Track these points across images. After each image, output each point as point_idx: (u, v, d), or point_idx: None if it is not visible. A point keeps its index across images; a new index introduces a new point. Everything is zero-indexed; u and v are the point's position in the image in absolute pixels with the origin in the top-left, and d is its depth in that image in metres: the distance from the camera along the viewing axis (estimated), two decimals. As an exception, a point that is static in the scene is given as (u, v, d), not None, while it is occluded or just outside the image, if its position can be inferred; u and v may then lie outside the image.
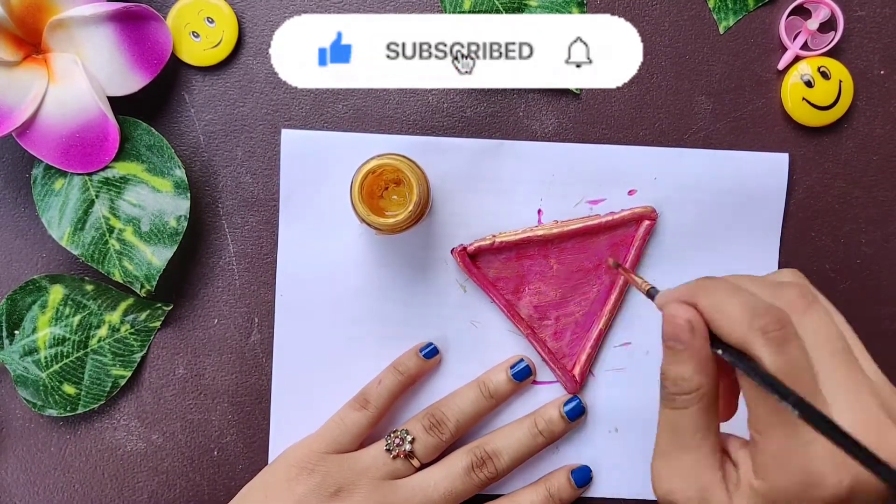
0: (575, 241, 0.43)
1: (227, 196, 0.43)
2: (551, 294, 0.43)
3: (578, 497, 0.43)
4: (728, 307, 0.29)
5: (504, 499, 0.42)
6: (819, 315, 0.30)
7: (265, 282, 0.43)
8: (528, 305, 0.43)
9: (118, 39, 0.40)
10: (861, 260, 0.44)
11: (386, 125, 0.43)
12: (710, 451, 0.30)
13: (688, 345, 0.30)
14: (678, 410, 0.30)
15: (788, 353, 0.28)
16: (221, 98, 0.43)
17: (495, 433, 0.42)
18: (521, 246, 0.43)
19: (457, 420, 0.41)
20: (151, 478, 0.44)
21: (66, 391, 0.42)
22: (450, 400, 0.42)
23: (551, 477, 0.43)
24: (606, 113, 0.43)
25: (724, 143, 0.43)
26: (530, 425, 0.42)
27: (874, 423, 0.28)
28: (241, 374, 0.44)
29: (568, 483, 0.42)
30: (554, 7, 0.43)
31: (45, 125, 0.40)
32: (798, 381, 0.28)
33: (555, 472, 0.43)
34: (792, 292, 0.30)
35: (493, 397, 0.42)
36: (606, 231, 0.43)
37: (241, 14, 0.43)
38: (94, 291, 0.43)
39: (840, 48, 0.43)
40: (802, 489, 0.27)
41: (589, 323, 0.43)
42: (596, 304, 0.43)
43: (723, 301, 0.29)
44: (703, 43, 0.43)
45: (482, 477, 0.41)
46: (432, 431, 0.41)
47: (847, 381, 0.29)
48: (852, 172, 0.44)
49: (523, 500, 0.42)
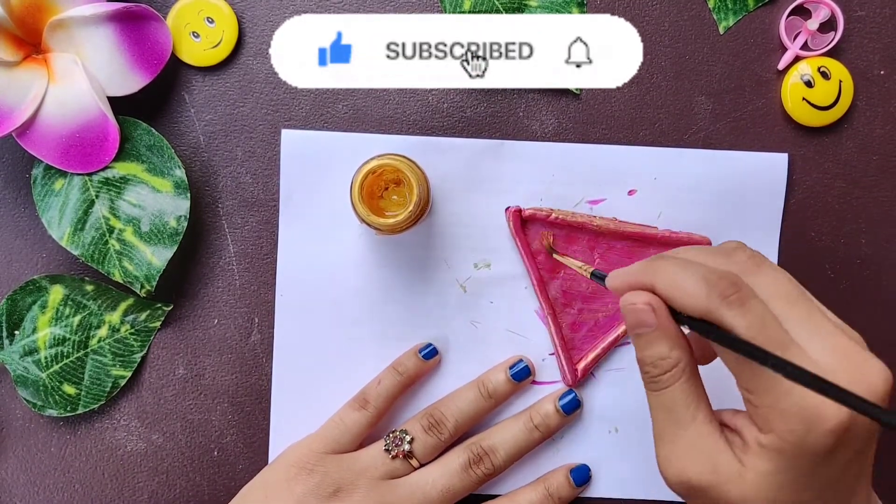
0: (626, 243, 0.43)
1: (227, 196, 0.43)
2: (584, 285, 0.43)
3: (577, 496, 0.43)
4: (683, 282, 0.30)
5: (503, 498, 0.42)
6: (771, 270, 0.31)
7: (265, 282, 0.43)
8: (558, 288, 0.43)
9: (118, 39, 0.40)
10: (861, 260, 0.44)
11: (386, 125, 0.43)
12: (707, 421, 0.31)
13: (655, 325, 0.31)
14: (665, 390, 0.31)
15: (751, 311, 0.29)
16: (221, 98, 0.43)
17: (491, 429, 0.42)
18: (574, 229, 0.43)
19: (456, 420, 0.41)
20: (152, 478, 0.44)
21: (66, 391, 0.42)
22: (449, 400, 0.42)
23: (550, 476, 0.43)
24: (606, 113, 0.43)
25: (724, 144, 0.43)
26: (526, 420, 0.42)
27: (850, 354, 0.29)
28: (241, 374, 0.44)
29: (567, 482, 0.42)
30: (554, 7, 0.43)
31: (45, 125, 0.40)
32: (768, 335, 0.28)
33: (554, 471, 0.43)
34: (741, 255, 0.31)
35: (492, 397, 0.42)
36: (658, 245, 0.43)
37: (241, 14, 0.43)
38: (94, 292, 0.43)
39: (840, 48, 0.43)
40: (808, 427, 0.27)
41: (608, 326, 0.44)
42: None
43: (676, 277, 0.30)
44: (703, 43, 0.43)
45: (479, 473, 0.41)
46: (431, 431, 0.41)
47: (813, 323, 0.29)
48: (852, 172, 0.44)
49: (522, 499, 0.42)
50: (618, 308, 0.43)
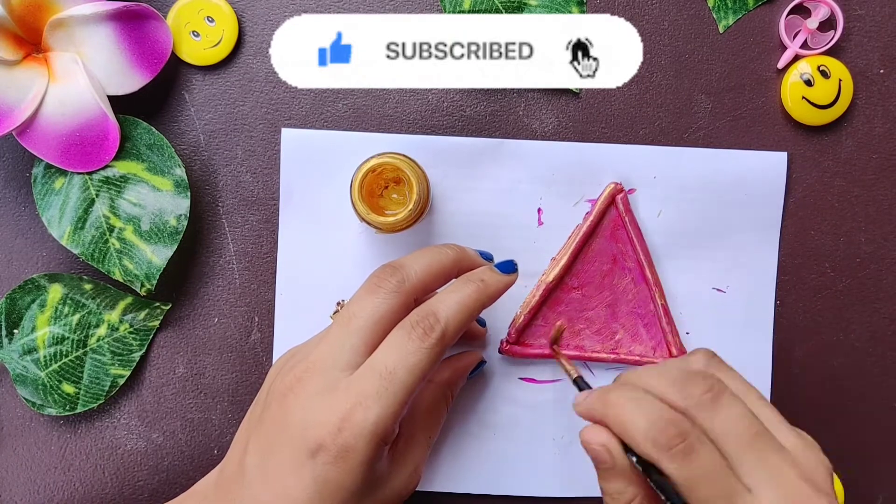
0: (578, 259, 0.43)
1: (227, 195, 0.43)
2: (602, 314, 0.43)
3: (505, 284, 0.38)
4: (631, 425, 0.31)
5: None
6: (728, 406, 0.31)
7: (265, 281, 0.43)
8: (593, 337, 0.43)
9: (118, 38, 0.40)
10: (861, 259, 0.44)
11: (386, 124, 0.43)
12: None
13: (611, 464, 0.31)
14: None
15: (694, 462, 0.29)
16: (221, 97, 0.43)
17: (431, 299, 0.36)
18: (543, 302, 0.43)
19: (408, 271, 0.35)
20: (152, 476, 0.44)
21: (65, 390, 0.42)
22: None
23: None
24: (606, 112, 0.43)
25: (724, 142, 0.43)
26: (463, 279, 0.37)
27: (800, 498, 0.29)
28: (241, 372, 0.44)
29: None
30: (554, 7, 0.43)
31: (45, 124, 0.40)
32: (712, 485, 0.29)
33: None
34: (698, 388, 0.31)
35: (452, 251, 0.37)
36: (596, 231, 0.43)
37: (242, 13, 0.43)
38: (93, 290, 0.43)
39: (840, 47, 0.43)
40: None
41: (647, 306, 0.43)
42: (641, 288, 0.43)
43: (626, 418, 0.31)
44: (702, 42, 0.44)
45: (433, 341, 0.34)
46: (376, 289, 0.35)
47: (766, 465, 0.30)
48: (852, 171, 0.44)
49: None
50: (635, 287, 0.43)
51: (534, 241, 0.43)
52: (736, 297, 0.44)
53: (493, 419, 0.44)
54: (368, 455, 0.32)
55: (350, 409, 0.32)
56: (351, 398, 0.32)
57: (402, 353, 0.33)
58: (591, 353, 0.43)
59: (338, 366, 0.33)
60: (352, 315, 0.34)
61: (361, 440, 0.32)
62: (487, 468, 0.43)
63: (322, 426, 0.32)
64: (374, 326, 0.34)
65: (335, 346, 0.34)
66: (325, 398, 0.33)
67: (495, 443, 0.44)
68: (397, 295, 0.34)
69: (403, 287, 0.35)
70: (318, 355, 0.34)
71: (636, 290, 0.43)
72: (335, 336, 0.34)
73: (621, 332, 0.43)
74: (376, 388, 0.32)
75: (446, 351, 0.34)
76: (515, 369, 0.44)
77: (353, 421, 0.32)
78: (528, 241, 0.43)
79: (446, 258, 0.36)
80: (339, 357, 0.33)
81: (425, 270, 0.35)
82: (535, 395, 0.44)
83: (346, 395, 0.32)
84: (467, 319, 0.35)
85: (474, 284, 0.36)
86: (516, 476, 0.44)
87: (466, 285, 0.36)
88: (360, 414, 0.32)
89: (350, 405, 0.32)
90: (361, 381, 0.33)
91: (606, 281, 0.43)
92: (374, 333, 0.34)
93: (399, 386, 0.32)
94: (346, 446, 0.32)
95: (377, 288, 0.34)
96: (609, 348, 0.43)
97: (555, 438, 0.44)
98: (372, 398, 0.32)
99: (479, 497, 0.43)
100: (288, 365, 0.35)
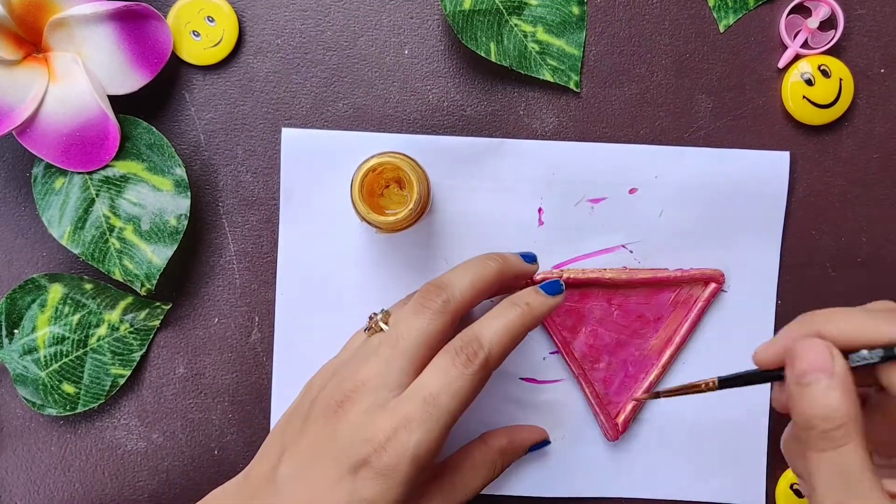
0: (640, 290, 0.43)
1: (227, 195, 0.43)
2: (607, 338, 0.43)
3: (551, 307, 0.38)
4: (851, 322, 0.29)
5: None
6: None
7: (265, 280, 0.43)
8: (583, 345, 0.43)
9: (119, 38, 0.40)
10: (862, 258, 0.44)
11: (386, 124, 0.43)
12: (886, 497, 0.28)
13: (831, 371, 0.29)
14: (840, 449, 0.28)
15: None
16: (222, 97, 0.43)
17: (474, 323, 0.36)
18: (587, 286, 0.43)
19: (453, 290, 0.36)
20: (152, 477, 0.44)
21: (65, 390, 0.42)
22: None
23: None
24: (607, 111, 0.43)
25: (725, 142, 0.43)
26: (508, 303, 0.37)
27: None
28: (241, 373, 0.44)
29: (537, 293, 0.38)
30: (554, 6, 0.43)
31: (45, 124, 0.40)
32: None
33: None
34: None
35: (498, 260, 0.37)
36: (673, 286, 0.43)
37: (242, 13, 0.43)
38: (93, 290, 0.43)
39: (840, 46, 0.43)
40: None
41: (639, 374, 0.43)
42: (651, 356, 0.43)
43: (843, 319, 0.30)
44: (703, 41, 0.43)
45: (476, 367, 0.34)
46: (418, 307, 0.36)
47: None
48: (853, 171, 0.44)
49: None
50: (645, 354, 0.43)
51: (534, 241, 0.43)
52: (737, 297, 0.44)
53: (494, 419, 0.44)
54: (408, 476, 0.32)
55: (395, 429, 0.33)
56: (396, 419, 0.33)
57: (446, 380, 0.34)
58: (574, 348, 0.43)
59: (387, 386, 0.34)
60: (399, 336, 0.35)
61: (403, 461, 0.32)
62: (488, 468, 0.43)
63: (368, 443, 0.33)
64: (421, 347, 0.35)
65: (384, 367, 0.35)
66: (372, 417, 0.33)
67: (496, 443, 0.44)
68: (443, 315, 0.35)
69: (449, 307, 0.35)
70: (366, 374, 0.35)
71: (643, 356, 0.43)
72: (383, 356, 0.35)
73: (603, 366, 0.43)
74: (420, 413, 0.33)
75: (491, 375, 0.35)
76: (516, 369, 0.44)
77: (397, 441, 0.32)
78: (529, 241, 0.43)
79: (489, 271, 0.37)
80: (388, 378, 0.34)
81: (469, 287, 0.36)
82: (535, 395, 0.44)
83: (392, 416, 0.33)
84: (511, 344, 0.36)
85: (519, 308, 0.36)
86: (516, 476, 0.44)
87: (511, 309, 0.36)
88: (403, 436, 0.32)
89: (395, 426, 0.33)
90: (407, 403, 0.33)
91: (636, 323, 0.43)
92: (421, 354, 0.35)
93: (442, 411, 0.33)
94: (388, 465, 0.32)
95: (423, 308, 0.35)
96: (585, 362, 0.43)
97: (554, 438, 0.44)
98: (416, 421, 0.33)
99: (479, 497, 0.43)
100: (334, 381, 0.36)
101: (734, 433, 0.44)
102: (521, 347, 0.43)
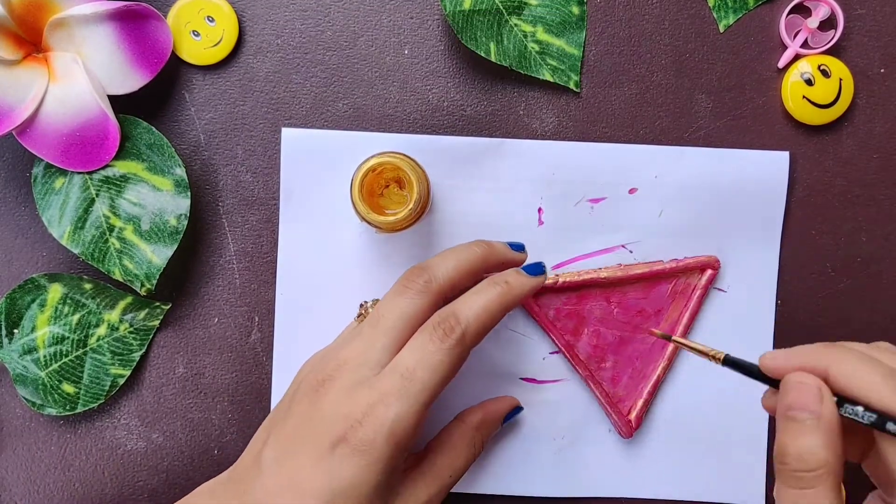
0: (637, 285, 0.43)
1: (227, 195, 0.43)
2: (610, 337, 0.43)
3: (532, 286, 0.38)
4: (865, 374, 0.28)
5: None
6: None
7: (265, 280, 0.43)
8: (587, 346, 0.43)
9: (118, 38, 0.40)
10: (861, 258, 0.44)
11: (386, 124, 0.43)
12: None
13: (818, 414, 0.28)
14: (807, 491, 0.28)
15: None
16: (222, 97, 0.43)
17: (456, 300, 0.36)
18: (584, 287, 0.43)
19: (435, 272, 0.36)
20: (152, 477, 0.44)
21: (65, 390, 0.42)
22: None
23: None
24: (607, 111, 0.43)
25: (725, 142, 0.43)
26: (489, 281, 0.37)
27: None
28: (241, 372, 0.44)
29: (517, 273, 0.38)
30: (554, 6, 0.43)
31: (45, 124, 0.40)
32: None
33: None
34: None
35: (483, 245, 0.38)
36: (669, 277, 0.43)
37: (242, 13, 0.43)
38: (93, 290, 0.43)
39: (840, 46, 0.43)
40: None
41: (646, 368, 0.43)
42: (655, 350, 0.43)
43: (858, 366, 0.29)
44: (703, 41, 0.43)
45: (453, 342, 0.34)
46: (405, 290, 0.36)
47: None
48: (853, 171, 0.44)
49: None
50: (652, 345, 0.43)
51: (534, 241, 0.43)
52: (737, 297, 0.44)
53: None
54: (385, 454, 0.32)
55: (372, 405, 0.33)
56: (374, 395, 0.33)
57: (422, 354, 0.34)
58: (578, 350, 0.43)
59: (367, 364, 0.34)
60: (380, 316, 0.35)
61: (380, 436, 0.32)
62: (488, 468, 0.43)
63: (346, 419, 0.33)
64: (402, 326, 0.35)
65: (365, 345, 0.35)
66: (352, 394, 0.33)
67: (496, 442, 0.44)
68: (424, 295, 0.35)
69: (430, 287, 0.36)
70: (348, 354, 0.35)
71: (648, 350, 0.43)
72: (365, 335, 0.35)
73: (609, 365, 0.43)
74: (398, 387, 0.33)
75: (469, 352, 0.35)
76: (516, 369, 0.44)
77: (374, 416, 0.32)
78: (529, 241, 0.43)
79: (474, 256, 0.37)
80: (369, 356, 0.34)
81: (453, 270, 0.36)
82: (535, 395, 0.44)
83: (371, 392, 0.33)
84: (490, 322, 0.36)
85: (499, 287, 0.36)
86: (516, 476, 0.44)
87: (491, 288, 0.36)
88: (381, 410, 0.32)
89: (373, 401, 0.33)
90: (385, 379, 0.33)
91: (637, 318, 0.43)
92: (402, 333, 0.35)
93: (419, 386, 0.33)
94: (365, 440, 0.32)
95: (405, 289, 0.36)
96: (591, 363, 0.43)
97: (555, 438, 0.44)
98: (393, 396, 0.33)
99: (479, 497, 0.43)
100: (318, 363, 0.36)
101: (734, 434, 0.44)
102: (522, 348, 0.44)
